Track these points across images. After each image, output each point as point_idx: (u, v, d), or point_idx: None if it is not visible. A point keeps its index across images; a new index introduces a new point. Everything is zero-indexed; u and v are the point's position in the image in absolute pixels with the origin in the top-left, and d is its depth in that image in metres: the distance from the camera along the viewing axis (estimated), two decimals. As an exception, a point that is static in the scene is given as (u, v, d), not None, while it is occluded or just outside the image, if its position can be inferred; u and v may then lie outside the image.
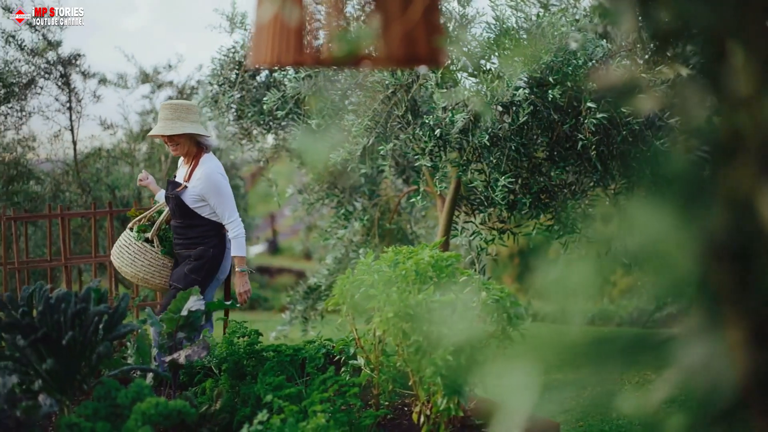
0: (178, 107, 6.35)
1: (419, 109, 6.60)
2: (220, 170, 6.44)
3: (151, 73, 13.50)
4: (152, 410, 3.57)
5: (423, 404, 4.50)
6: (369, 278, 4.76)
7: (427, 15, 2.33)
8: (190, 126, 6.29)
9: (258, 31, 2.49)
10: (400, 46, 2.26)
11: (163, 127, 6.28)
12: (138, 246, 6.41)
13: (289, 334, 8.75)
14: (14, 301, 4.53)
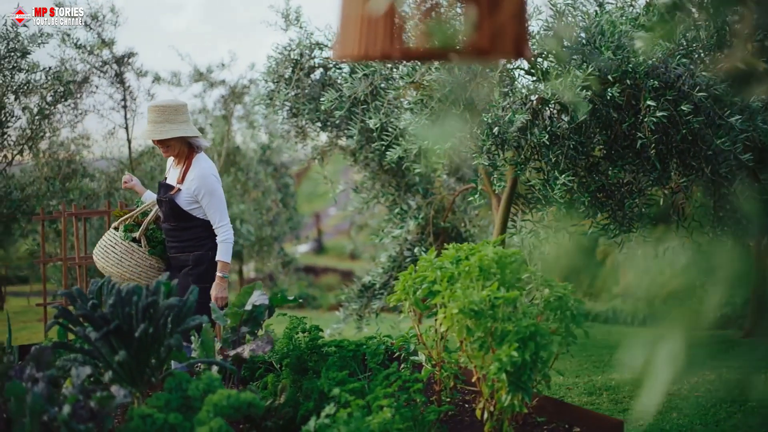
0: (166, 109, 6.20)
1: (476, 107, 6.59)
2: (214, 172, 6.36)
3: (205, 72, 13.62)
4: (224, 402, 3.61)
5: (486, 400, 4.50)
6: (431, 274, 4.77)
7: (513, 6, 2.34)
8: (179, 128, 6.19)
9: (344, 24, 2.51)
10: (488, 38, 2.27)
11: (153, 131, 6.18)
12: (125, 245, 6.33)
13: (343, 332, 8.78)
14: (83, 295, 4.60)
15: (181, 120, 6.24)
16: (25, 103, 9.32)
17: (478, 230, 8.60)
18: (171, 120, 6.18)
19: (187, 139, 6.24)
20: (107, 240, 6.37)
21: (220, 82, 13.75)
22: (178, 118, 6.21)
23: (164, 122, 6.16)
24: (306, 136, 8.34)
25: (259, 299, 4.92)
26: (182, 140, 6.22)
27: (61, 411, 3.39)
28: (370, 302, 8.41)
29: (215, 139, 14.12)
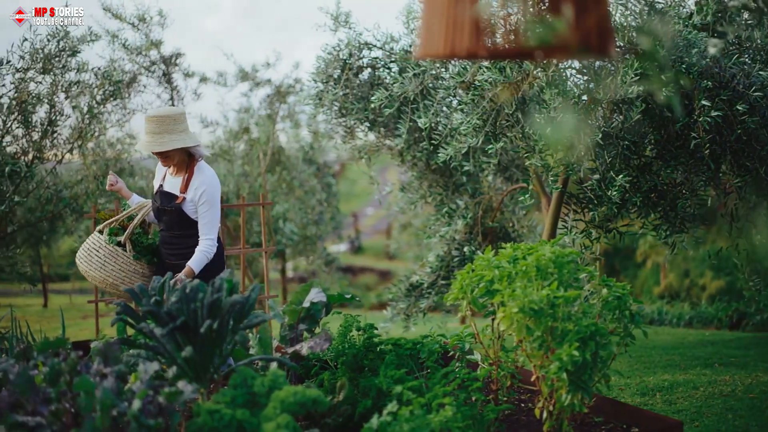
0: (165, 119, 6.01)
1: (528, 107, 6.59)
2: (218, 181, 6.24)
3: (250, 71, 13.70)
4: (290, 398, 3.63)
5: (546, 400, 4.50)
6: (489, 274, 4.77)
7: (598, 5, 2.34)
8: (179, 138, 6.02)
9: (428, 22, 2.52)
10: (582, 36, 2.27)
11: (153, 143, 6.01)
12: (109, 249, 6.20)
13: (390, 331, 8.81)
14: (145, 291, 4.65)
15: (181, 129, 6.09)
16: (75, 102, 9.39)
17: (525, 230, 8.59)
18: (171, 130, 6.03)
19: (187, 149, 6.09)
20: (91, 243, 6.24)
21: (266, 81, 13.84)
22: (177, 128, 6.06)
23: (164, 133, 6.00)
24: (354, 135, 8.37)
25: (317, 297, 4.95)
26: (182, 150, 6.07)
27: (131, 406, 3.42)
28: (418, 301, 8.41)
29: (260, 138, 14.20)
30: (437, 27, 2.47)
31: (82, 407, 3.45)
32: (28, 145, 9.08)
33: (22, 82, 8.78)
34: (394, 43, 7.89)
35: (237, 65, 13.57)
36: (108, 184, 6.48)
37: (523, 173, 8.52)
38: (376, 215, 38.88)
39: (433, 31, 2.49)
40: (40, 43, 8.81)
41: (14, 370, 3.79)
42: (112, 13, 11.46)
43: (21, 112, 8.74)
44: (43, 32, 8.81)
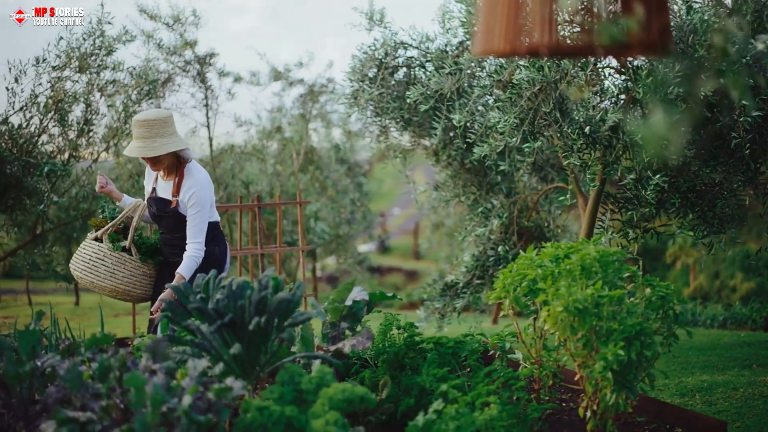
0: (156, 123, 5.89)
1: (566, 106, 6.57)
2: (209, 183, 6.16)
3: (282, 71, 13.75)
4: (339, 395, 3.64)
5: (589, 399, 4.49)
6: (531, 272, 4.77)
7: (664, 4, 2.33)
8: (171, 142, 5.94)
9: (488, 19, 2.52)
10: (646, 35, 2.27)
11: (144, 148, 5.90)
12: (115, 257, 6.09)
13: (424, 331, 8.80)
14: (190, 289, 4.67)
15: (171, 132, 5.99)
16: (110, 101, 9.46)
17: (560, 230, 8.57)
18: (161, 134, 5.92)
19: (176, 152, 6.00)
20: (92, 254, 6.09)
21: (299, 81, 13.90)
22: (167, 131, 5.96)
23: (155, 137, 5.90)
24: (388, 134, 8.38)
25: (360, 295, 4.96)
26: (172, 153, 5.98)
27: (181, 402, 3.44)
28: (453, 301, 8.41)
29: (293, 138, 14.26)
30: (497, 24, 2.46)
31: (132, 403, 3.47)
32: (64, 144, 9.15)
33: (58, 81, 8.85)
34: (429, 42, 7.90)
35: (270, 65, 13.66)
36: (98, 186, 6.32)
37: (558, 173, 8.50)
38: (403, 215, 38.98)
39: (493, 28, 2.48)
40: (76, 42, 8.86)
41: (64, 366, 3.81)
42: (147, 13, 11.53)
43: (57, 111, 8.80)
44: (78, 31, 8.87)
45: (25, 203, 8.88)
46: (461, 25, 7.58)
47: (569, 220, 8.56)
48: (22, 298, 18.05)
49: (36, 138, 8.82)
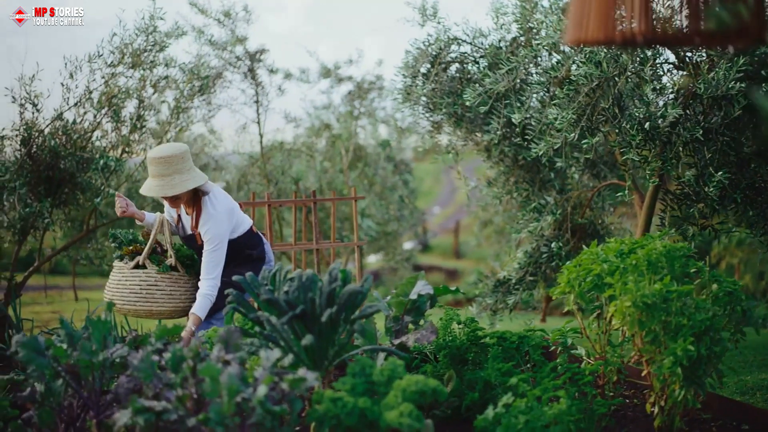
0: (173, 159, 5.71)
1: (624, 102, 6.53)
2: (225, 217, 5.96)
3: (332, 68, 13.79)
4: (412, 387, 3.64)
5: (657, 395, 4.47)
6: (596, 267, 4.74)
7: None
8: (189, 178, 5.78)
9: (581, 7, 2.50)
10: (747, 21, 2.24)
11: (164, 187, 5.73)
12: (167, 278, 6.02)
13: (476, 327, 8.77)
14: (256, 281, 4.68)
15: (188, 168, 5.80)
16: (163, 97, 9.53)
17: (613, 227, 8.52)
18: (180, 170, 5.75)
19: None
20: (142, 282, 5.98)
21: (347, 78, 13.94)
22: (184, 167, 5.77)
23: (173, 174, 5.73)
24: (441, 131, 8.37)
25: (424, 289, 4.96)
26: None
27: (256, 392, 3.45)
28: (505, 297, 8.39)
29: (342, 135, 14.30)
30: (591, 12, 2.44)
31: (207, 392, 3.49)
32: (117, 139, 9.21)
33: (112, 77, 8.91)
34: (483, 38, 7.87)
35: (319, 62, 13.70)
36: (119, 211, 6.06)
37: (611, 170, 8.45)
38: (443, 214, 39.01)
39: (587, 17, 2.46)
40: (129, 38, 8.92)
41: (137, 356, 3.84)
42: (197, 8, 11.60)
43: (111, 106, 8.87)
44: (131, 27, 8.93)
45: (78, 198, 8.95)
46: (515, 21, 7.55)
47: (623, 217, 8.50)
48: (67, 294, 18.19)
49: (89, 134, 8.89)
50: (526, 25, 7.40)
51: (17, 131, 8.52)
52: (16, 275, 8.68)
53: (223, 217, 5.90)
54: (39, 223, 8.64)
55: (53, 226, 8.70)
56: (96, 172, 8.52)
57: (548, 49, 7.01)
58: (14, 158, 8.55)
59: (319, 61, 14.07)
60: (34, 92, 8.54)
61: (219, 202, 5.94)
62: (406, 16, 8.07)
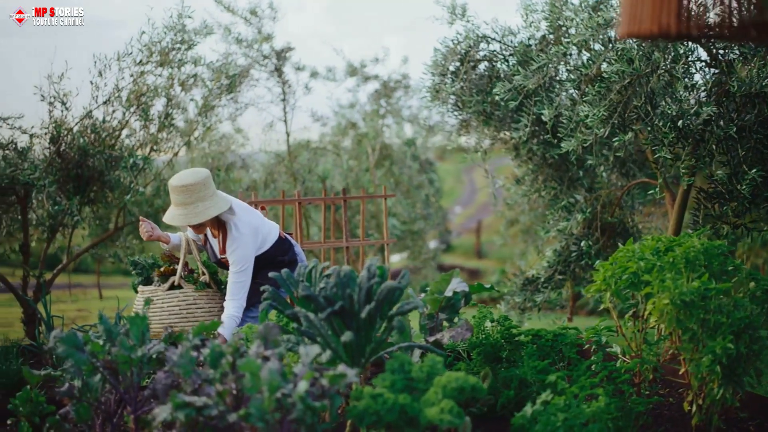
0: (195, 187, 5.63)
1: (656, 99, 6.50)
2: (250, 240, 5.88)
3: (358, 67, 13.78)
4: (453, 384, 3.62)
5: (695, 393, 4.44)
6: (632, 265, 4.72)
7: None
8: (212, 205, 5.68)
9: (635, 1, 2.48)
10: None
11: (187, 215, 5.66)
12: (205, 296, 6.02)
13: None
14: (292, 278, 4.68)
15: (211, 194, 5.72)
16: (191, 95, 9.55)
17: (642, 226, 8.48)
18: (202, 198, 5.66)
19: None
20: (180, 303, 5.95)
21: (374, 76, 13.92)
22: (207, 193, 5.69)
23: (196, 202, 5.65)
24: (469, 129, 8.35)
25: (460, 287, 4.95)
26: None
27: (296, 388, 3.45)
28: (534, 296, 8.36)
29: (368, 134, 14.29)
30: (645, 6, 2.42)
31: (247, 388, 3.48)
32: (146, 137, 9.23)
33: (140, 75, 8.93)
34: (512, 36, 7.84)
35: (345, 60, 13.70)
36: (145, 235, 6.02)
37: (640, 169, 8.41)
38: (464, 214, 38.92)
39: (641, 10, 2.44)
40: (157, 36, 8.94)
41: (176, 352, 3.84)
42: (224, 5, 11.61)
43: (139, 105, 8.89)
44: (160, 25, 8.94)
45: (106, 196, 8.98)
46: (544, 19, 7.52)
47: (652, 216, 8.45)
48: (91, 292, 18.26)
49: (118, 132, 8.92)
50: (555, 23, 7.37)
51: (46, 129, 8.56)
52: (44, 273, 8.72)
53: (248, 240, 5.84)
54: (68, 221, 8.66)
55: (83, 224, 8.72)
56: (125, 170, 8.54)
57: (578, 47, 6.98)
58: (43, 156, 8.58)
59: (345, 60, 14.07)
60: (62, 90, 8.57)
61: (243, 224, 5.87)
62: (435, 14, 8.03)
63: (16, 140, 8.37)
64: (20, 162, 8.11)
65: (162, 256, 6.24)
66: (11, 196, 8.45)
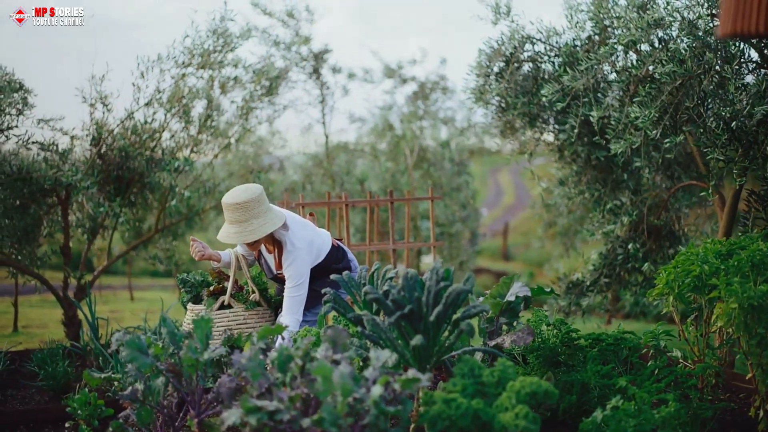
0: (248, 205, 5.51)
1: (708, 101, 6.42)
2: (308, 248, 5.79)
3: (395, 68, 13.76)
4: (527, 389, 3.58)
5: (762, 398, 4.37)
6: (696, 268, 4.66)
7: None
8: (266, 222, 5.56)
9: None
10: None
11: (242, 233, 5.55)
12: (255, 315, 5.95)
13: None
14: (353, 280, 4.64)
15: (264, 210, 5.61)
16: (231, 97, 9.54)
17: (687, 229, 8.39)
18: (257, 215, 5.56)
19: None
20: (232, 322, 5.88)
21: (411, 78, 13.89)
22: (260, 210, 5.58)
23: (250, 219, 5.54)
24: (514, 130, 8.29)
25: (522, 291, 4.89)
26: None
27: (371, 392, 3.41)
28: (579, 299, 8.29)
29: (406, 135, 14.26)
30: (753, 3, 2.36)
31: (320, 392, 3.44)
32: (187, 139, 9.23)
33: (182, 78, 8.92)
34: (557, 36, 7.77)
35: (383, 62, 13.68)
36: (197, 255, 5.92)
37: (685, 171, 8.32)
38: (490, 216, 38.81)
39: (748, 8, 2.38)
40: (199, 39, 8.93)
41: (245, 355, 3.81)
42: (261, 9, 11.61)
43: (181, 107, 8.88)
44: (203, 28, 8.94)
45: (147, 198, 8.98)
46: (589, 19, 7.46)
47: (699, 219, 8.37)
48: (121, 294, 18.31)
49: (159, 133, 8.91)
50: (601, 23, 7.30)
51: (87, 131, 8.56)
52: (85, 275, 8.72)
53: (303, 254, 5.75)
54: (110, 223, 8.66)
55: (126, 225, 8.71)
56: (168, 172, 8.53)
57: (626, 47, 6.91)
58: (83, 158, 8.58)
59: (381, 61, 14.04)
60: (103, 92, 8.58)
61: (298, 239, 5.78)
62: (478, 13, 7.96)
63: (57, 142, 8.38)
64: (61, 164, 8.11)
65: (210, 272, 6.18)
66: (52, 198, 8.46)
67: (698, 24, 6.43)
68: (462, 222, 15.26)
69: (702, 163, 7.03)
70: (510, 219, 36.25)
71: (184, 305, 6.13)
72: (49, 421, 5.11)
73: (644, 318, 12.47)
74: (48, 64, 27.51)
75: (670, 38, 6.63)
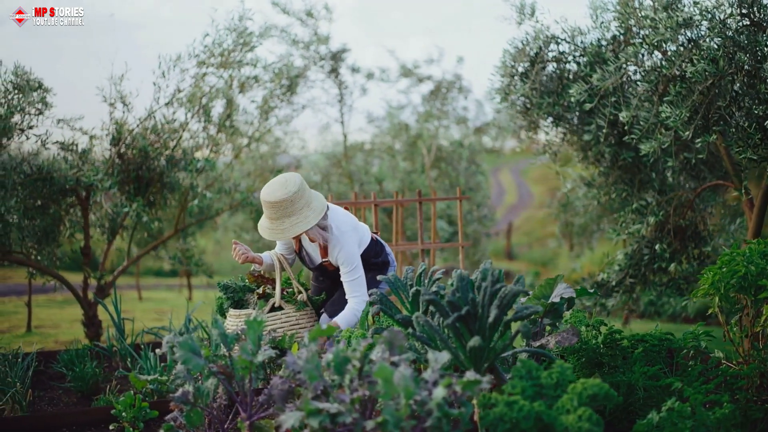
0: (293, 200, 5.39)
1: (740, 100, 6.41)
2: (353, 235, 5.77)
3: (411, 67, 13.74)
4: (588, 391, 3.55)
5: (810, 401, 4.36)
6: (742, 269, 4.65)
7: None
8: (303, 218, 5.43)
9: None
10: None
11: (274, 231, 5.49)
12: (305, 315, 5.90)
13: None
14: (400, 281, 4.62)
15: (303, 205, 5.46)
16: (251, 97, 9.53)
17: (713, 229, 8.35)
18: (298, 209, 5.43)
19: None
20: (285, 324, 5.80)
21: (427, 77, 13.87)
22: (299, 206, 5.44)
23: (292, 214, 5.43)
24: (538, 130, 8.27)
25: (567, 292, 4.87)
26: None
27: (433, 395, 3.39)
28: (604, 300, 8.27)
29: (422, 135, 14.23)
30: None
31: (382, 395, 3.42)
32: (206, 139, 9.21)
33: (202, 77, 8.90)
34: (582, 36, 7.75)
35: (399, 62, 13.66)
36: (240, 258, 5.86)
37: (711, 171, 8.30)
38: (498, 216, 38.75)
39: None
40: (219, 38, 8.91)
41: (301, 357, 3.78)
42: (280, 8, 11.58)
43: (201, 106, 8.86)
44: (222, 27, 8.91)
45: (167, 198, 8.96)
46: (615, 19, 7.43)
47: (724, 219, 8.33)
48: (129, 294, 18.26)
49: (179, 133, 8.89)
50: (626, 23, 7.28)
51: (107, 131, 8.54)
52: (105, 275, 8.69)
53: (350, 238, 5.70)
54: (129, 223, 8.64)
55: (151, 225, 8.68)
56: (189, 172, 8.51)
57: (652, 47, 6.88)
58: (102, 158, 8.56)
59: (397, 60, 14.04)
60: (122, 92, 8.56)
61: (342, 222, 5.75)
62: (503, 13, 7.93)
63: (77, 141, 8.36)
64: (81, 164, 8.09)
65: (249, 276, 6.13)
66: (72, 198, 8.43)
67: (728, 23, 6.41)
68: (479, 221, 15.24)
69: (730, 163, 7.01)
70: (512, 218, 36.18)
71: (223, 311, 6.08)
72: (91, 424, 5.07)
73: (659, 318, 12.45)
74: (62, 64, 27.48)
75: (699, 37, 6.61)
